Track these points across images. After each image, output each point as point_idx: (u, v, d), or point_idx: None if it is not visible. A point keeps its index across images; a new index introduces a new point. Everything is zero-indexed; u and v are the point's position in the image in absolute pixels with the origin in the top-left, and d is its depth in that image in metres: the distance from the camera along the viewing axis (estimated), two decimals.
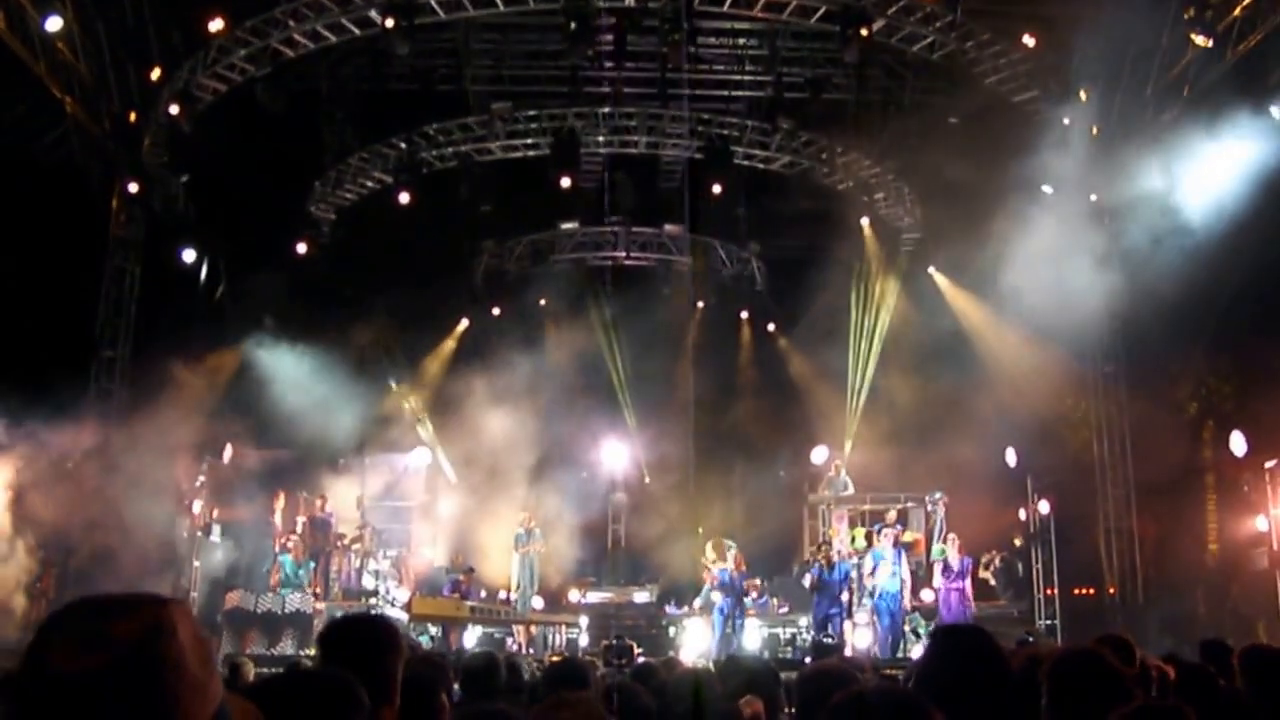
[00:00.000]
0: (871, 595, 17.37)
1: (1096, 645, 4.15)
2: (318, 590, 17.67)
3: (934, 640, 3.53)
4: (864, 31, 17.63)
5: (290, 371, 20.00)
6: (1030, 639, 13.46)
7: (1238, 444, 17.51)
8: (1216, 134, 17.01)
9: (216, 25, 18.84)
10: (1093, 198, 19.91)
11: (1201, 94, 17.35)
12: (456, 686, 5.12)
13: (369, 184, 23.34)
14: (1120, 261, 19.63)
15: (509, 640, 19.10)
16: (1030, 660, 3.42)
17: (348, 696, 2.42)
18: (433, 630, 18.21)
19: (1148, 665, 6.08)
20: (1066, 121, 19.64)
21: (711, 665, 9.04)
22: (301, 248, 21.84)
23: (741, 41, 21.08)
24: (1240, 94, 16.42)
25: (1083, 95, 19.65)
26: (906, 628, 17.32)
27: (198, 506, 19.12)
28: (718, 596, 17.66)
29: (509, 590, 20.38)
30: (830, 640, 16.20)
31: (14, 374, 16.63)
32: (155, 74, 19.39)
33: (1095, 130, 19.66)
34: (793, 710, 4.37)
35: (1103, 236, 20.10)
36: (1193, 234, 16.70)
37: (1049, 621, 19.38)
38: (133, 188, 19.50)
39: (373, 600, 17.60)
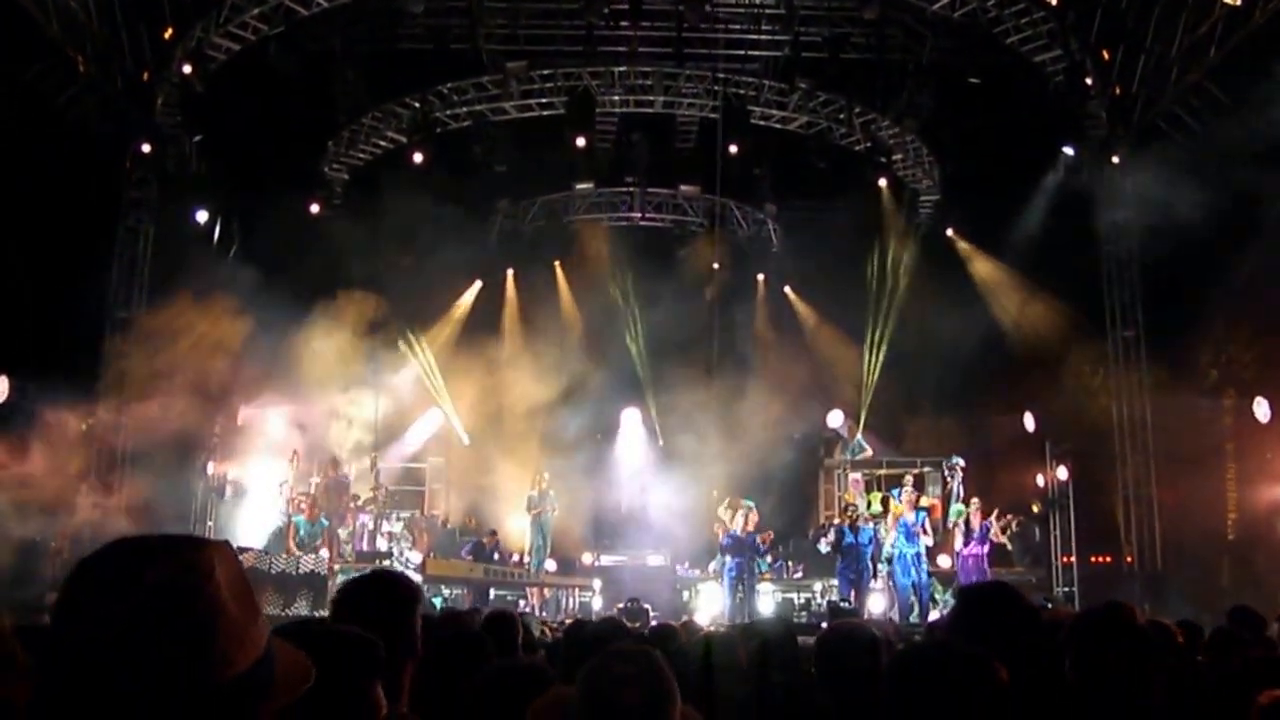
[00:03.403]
0: (888, 560, 17.27)
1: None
2: (332, 551, 17.67)
3: (960, 599, 3.44)
4: None
5: (303, 331, 19.90)
6: (1048, 605, 13.37)
7: (1261, 411, 17.29)
8: (1242, 96, 16.73)
9: None
10: (1114, 160, 19.64)
11: (1229, 54, 16.99)
12: None
13: (382, 144, 23.24)
14: (1141, 225, 19.41)
15: (522, 602, 19.11)
16: (1048, 625, 3.36)
17: (367, 653, 2.33)
18: (446, 592, 18.23)
19: (1169, 629, 5.99)
20: (1089, 81, 19.37)
21: (729, 628, 8.97)
22: (315, 208, 21.73)
23: (759, 0, 20.75)
24: (1269, 54, 16.10)
25: (1105, 55, 19.36)
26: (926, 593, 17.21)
27: (211, 466, 19.13)
28: (727, 558, 17.60)
29: (522, 553, 20.39)
30: (847, 605, 16.15)
31: (28, 335, 16.61)
32: (168, 33, 19.23)
33: (1118, 91, 19.37)
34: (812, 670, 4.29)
35: (1124, 200, 19.86)
36: (1215, 198, 16.42)
37: (1066, 589, 19.31)
38: (146, 148, 19.40)
39: (386, 562, 17.59)
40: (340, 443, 20.70)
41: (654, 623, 10.86)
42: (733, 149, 21.13)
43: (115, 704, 1.27)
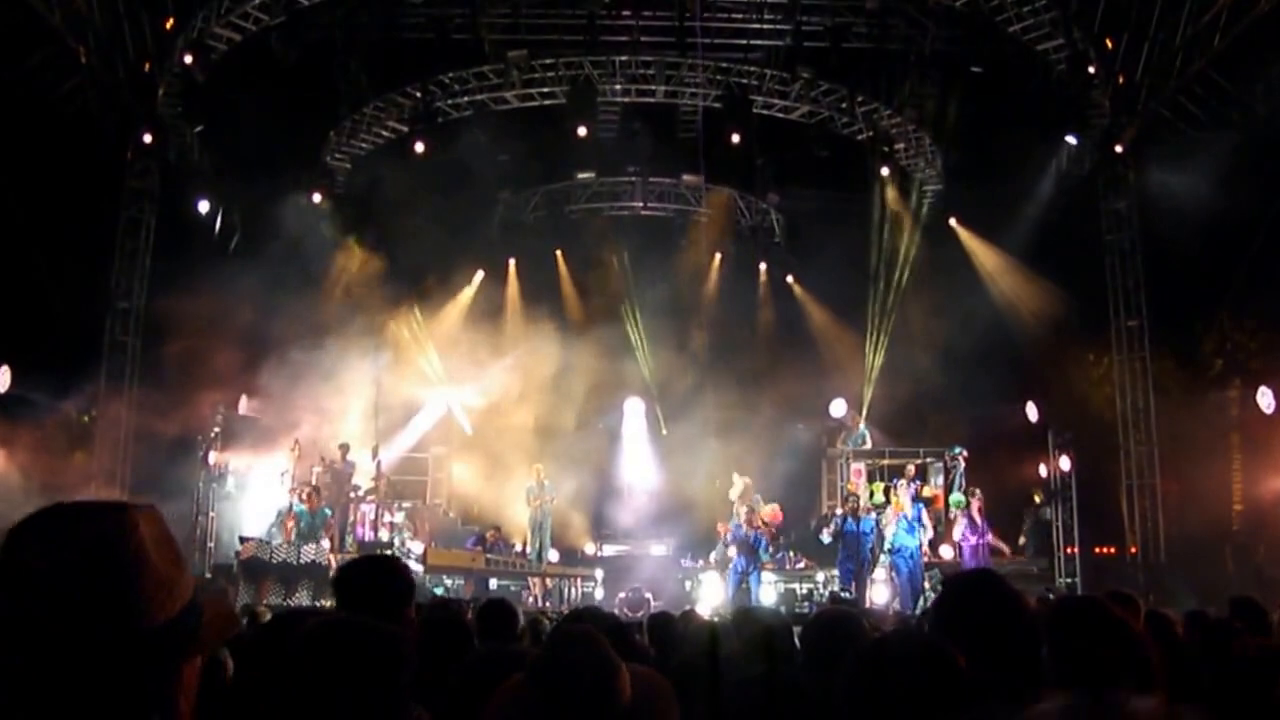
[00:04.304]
0: (890, 551, 17.25)
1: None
2: (333, 541, 17.66)
3: (945, 587, 3.44)
4: None
5: (305, 321, 19.89)
6: (1051, 596, 13.35)
7: (1266, 401, 17.23)
8: (1246, 83, 16.67)
9: None
10: (1117, 148, 19.57)
11: (1233, 43, 16.90)
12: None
13: (384, 134, 23.18)
14: (1144, 214, 19.35)
15: (524, 593, 19.11)
16: (1035, 614, 3.35)
17: (398, 652, 2.36)
18: (448, 582, 18.23)
19: (1169, 620, 5.96)
20: (1092, 70, 19.29)
21: (723, 617, 8.96)
22: (316, 197, 21.70)
23: None
24: (1273, 42, 16.03)
25: (1108, 43, 19.28)
26: (926, 584, 17.21)
27: (212, 456, 19.11)
28: (733, 552, 17.59)
29: (524, 543, 20.39)
30: (848, 595, 16.13)
31: (29, 327, 16.62)
32: (169, 24, 19.22)
33: (1121, 79, 19.28)
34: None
35: (1127, 188, 19.81)
36: (1219, 187, 16.37)
37: (1069, 580, 19.24)
38: (147, 138, 19.40)
39: (387, 552, 17.58)
40: (343, 432, 20.66)
41: (654, 611, 10.82)
42: (735, 138, 21.07)
43: (52, 649, 1.40)
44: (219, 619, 1.59)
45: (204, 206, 20.30)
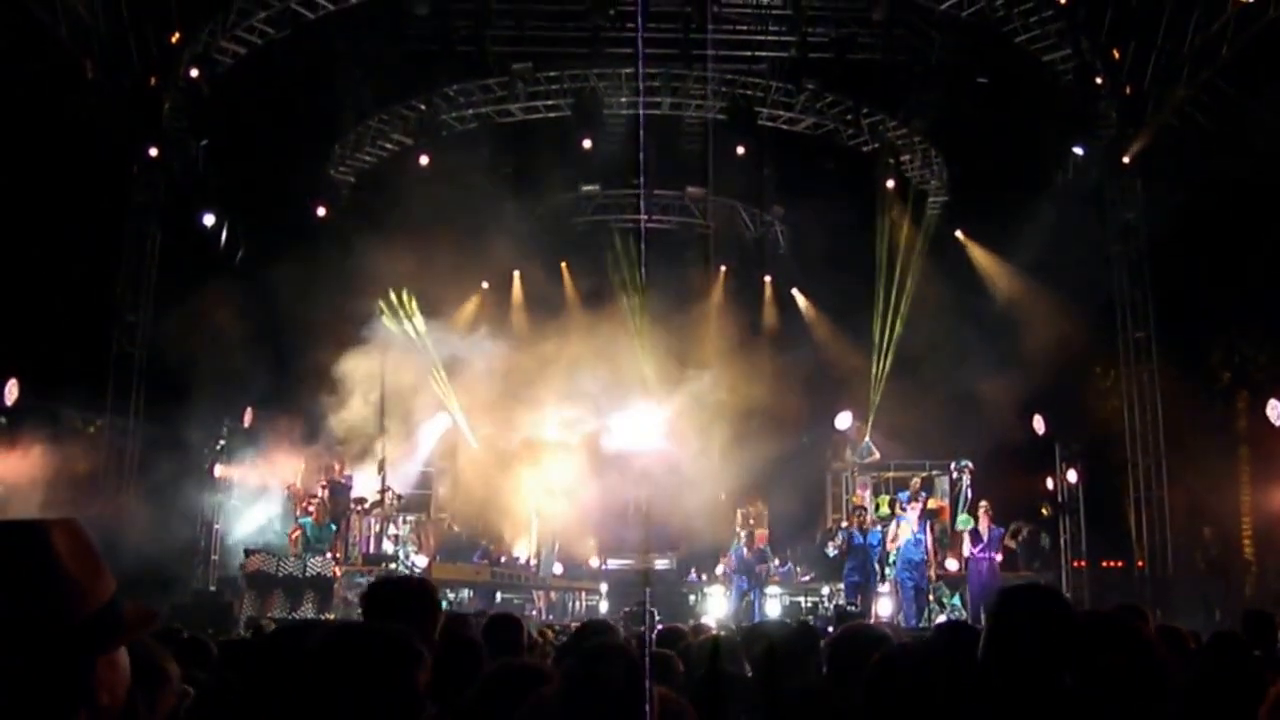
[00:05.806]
0: (895, 564, 17.19)
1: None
2: (338, 554, 17.63)
3: (1003, 600, 3.35)
4: None
5: (309, 334, 19.87)
6: None
7: (1275, 413, 17.12)
8: (1254, 92, 16.61)
9: None
10: (1125, 159, 19.52)
11: (1241, 52, 16.86)
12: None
13: (388, 146, 23.22)
14: (1152, 224, 19.30)
15: (528, 606, 19.05)
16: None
17: (410, 651, 2.44)
18: (451, 595, 18.17)
19: (1181, 634, 5.91)
20: (1099, 80, 19.27)
21: (730, 631, 8.91)
22: (321, 211, 21.71)
23: (765, 0, 20.68)
24: None
25: (1115, 53, 19.25)
26: (930, 597, 17.15)
27: (218, 468, 19.10)
28: (735, 575, 17.61)
29: (530, 556, 20.33)
30: (854, 609, 16.06)
31: (36, 339, 16.61)
32: (175, 38, 19.25)
33: (1128, 90, 19.25)
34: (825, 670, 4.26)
35: (1134, 199, 19.75)
36: (1227, 197, 16.32)
37: (1077, 594, 19.14)
38: (153, 152, 19.43)
39: (392, 565, 17.54)
40: (346, 446, 20.63)
41: (660, 626, 10.74)
42: (739, 150, 21.06)
43: None
44: (139, 615, 1.77)
45: (209, 219, 20.31)
